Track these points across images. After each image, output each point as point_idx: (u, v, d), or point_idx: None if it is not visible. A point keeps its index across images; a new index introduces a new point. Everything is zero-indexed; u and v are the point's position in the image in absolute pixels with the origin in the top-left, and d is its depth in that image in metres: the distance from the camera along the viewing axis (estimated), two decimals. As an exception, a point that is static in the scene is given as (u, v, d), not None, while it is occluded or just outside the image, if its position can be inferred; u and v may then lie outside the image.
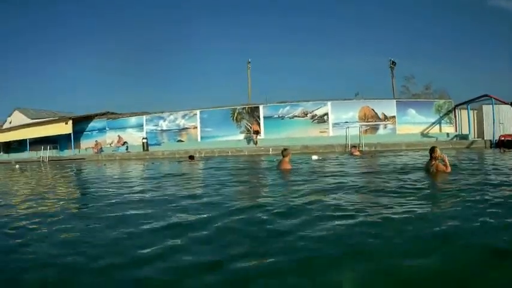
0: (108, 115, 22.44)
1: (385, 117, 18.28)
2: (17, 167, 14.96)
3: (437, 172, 5.13)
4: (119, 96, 54.29)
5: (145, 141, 19.20)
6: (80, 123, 21.99)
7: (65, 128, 21.34)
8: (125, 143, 20.78)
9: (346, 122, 17.98)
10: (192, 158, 11.78)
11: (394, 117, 18.23)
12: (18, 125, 23.77)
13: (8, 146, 24.74)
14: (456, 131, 17.86)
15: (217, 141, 19.06)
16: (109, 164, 13.38)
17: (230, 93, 60.70)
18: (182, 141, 20.20)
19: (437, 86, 27.08)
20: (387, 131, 18.13)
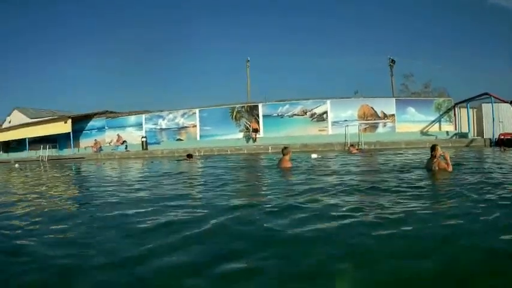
0: (107, 114, 22.39)
1: (385, 116, 18.24)
2: (16, 166, 14.94)
3: (438, 170, 5.10)
4: (119, 95, 54.39)
5: (144, 140, 19.14)
6: (79, 122, 21.92)
7: (64, 127, 21.27)
8: (124, 141, 20.72)
9: (346, 121, 17.96)
10: (190, 156, 11.76)
11: (393, 115, 18.19)
12: (17, 124, 23.72)
13: (8, 146, 24.67)
14: (456, 129, 17.83)
15: (216, 139, 19.03)
16: (108, 163, 13.36)
17: (230, 93, 61.00)
18: (181, 140, 20.17)
19: (436, 85, 27.14)
20: (386, 130, 18.10)
